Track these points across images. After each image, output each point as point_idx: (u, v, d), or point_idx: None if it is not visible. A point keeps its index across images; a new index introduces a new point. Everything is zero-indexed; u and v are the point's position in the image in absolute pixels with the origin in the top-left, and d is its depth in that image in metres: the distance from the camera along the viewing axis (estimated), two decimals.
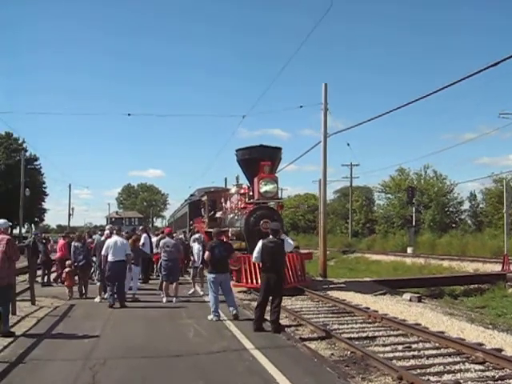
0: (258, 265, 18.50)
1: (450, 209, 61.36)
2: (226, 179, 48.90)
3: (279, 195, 20.43)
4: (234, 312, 12.32)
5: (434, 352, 9.74)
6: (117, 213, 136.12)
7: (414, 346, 10.29)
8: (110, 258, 14.29)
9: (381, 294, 19.30)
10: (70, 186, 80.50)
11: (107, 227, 16.85)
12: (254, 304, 15.86)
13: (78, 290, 16.31)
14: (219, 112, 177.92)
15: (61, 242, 19.86)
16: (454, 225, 58.93)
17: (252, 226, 19.73)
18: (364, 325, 12.69)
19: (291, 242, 11.71)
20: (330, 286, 20.72)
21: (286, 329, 11.40)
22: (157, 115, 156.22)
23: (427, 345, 10.38)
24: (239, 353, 8.98)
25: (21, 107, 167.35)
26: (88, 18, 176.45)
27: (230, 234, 21.55)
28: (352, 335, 11.36)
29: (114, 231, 15.50)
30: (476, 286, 23.65)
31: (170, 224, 58.85)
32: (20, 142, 69.57)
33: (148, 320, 12.29)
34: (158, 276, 20.34)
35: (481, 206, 59.73)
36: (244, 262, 18.77)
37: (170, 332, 10.86)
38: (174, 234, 21.09)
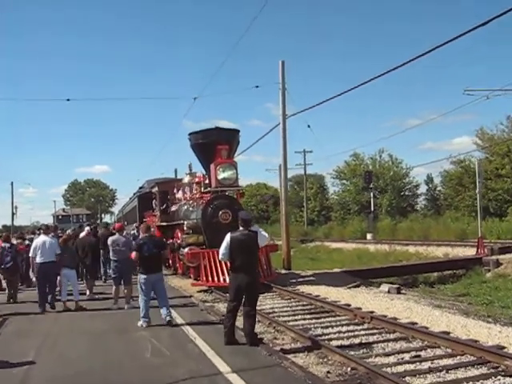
0: (220, 260, 16.73)
1: (406, 193, 60.54)
2: (176, 170, 46.47)
3: (238, 182, 18.39)
4: (168, 318, 10.71)
5: (452, 362, 7.91)
6: (63, 210, 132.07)
7: (422, 354, 8.45)
8: (38, 260, 13.10)
9: (355, 287, 17.65)
10: (12, 183, 76.95)
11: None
12: (219, 306, 14.06)
13: (7, 295, 14.93)
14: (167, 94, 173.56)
15: None
16: (410, 209, 58.11)
17: (210, 218, 17.75)
18: (352, 327, 10.80)
19: (265, 234, 9.64)
20: (299, 280, 18.92)
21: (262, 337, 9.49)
22: (96, 99, 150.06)
23: (438, 351, 8.56)
24: (212, 379, 6.98)
25: None
26: None
27: (185, 228, 19.53)
28: (343, 342, 9.49)
29: (41, 230, 14.47)
30: (450, 272, 22.29)
31: (118, 219, 56.12)
32: None
33: (95, 335, 10.10)
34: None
35: (438, 188, 58.84)
36: (203, 258, 16.81)
37: (122, 351, 8.75)
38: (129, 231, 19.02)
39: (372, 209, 48.07)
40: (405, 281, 21.60)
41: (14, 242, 16.74)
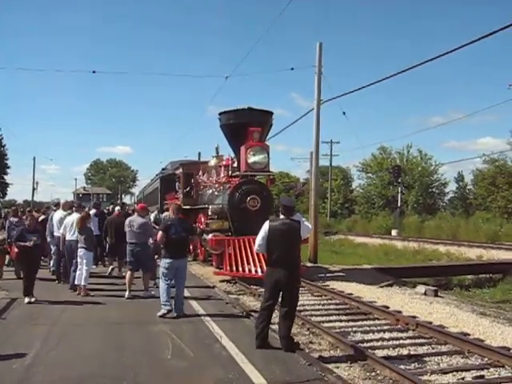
0: (246, 249, 15.68)
1: (434, 190, 58.95)
2: (199, 153, 45.31)
3: (269, 167, 17.23)
4: (176, 313, 9.84)
5: None
6: (84, 188, 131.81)
7: (486, 374, 7.27)
8: (68, 237, 12.71)
9: (387, 286, 16.45)
10: (34, 158, 76.40)
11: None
12: (244, 299, 12.98)
13: (15, 272, 14.04)
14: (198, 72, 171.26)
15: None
16: (437, 207, 56.57)
17: (237, 203, 16.71)
18: (396, 334, 9.62)
19: (309, 224, 8.48)
20: (328, 276, 17.77)
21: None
22: (122, 72, 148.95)
23: (503, 372, 7.38)
24: None
25: None
26: None
27: (209, 212, 18.47)
28: (388, 352, 8.35)
29: (74, 208, 14.04)
30: (486, 275, 20.95)
31: (139, 201, 55.27)
32: None
33: (108, 326, 9.07)
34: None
35: (468, 187, 57.19)
36: (227, 246, 15.74)
37: (139, 348, 7.65)
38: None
39: (399, 204, 46.66)
40: (438, 282, 20.34)
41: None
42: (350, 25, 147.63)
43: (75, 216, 12.85)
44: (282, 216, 7.94)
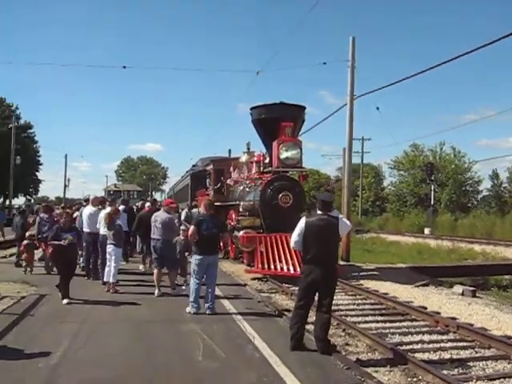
0: (278, 246, 15.33)
1: (468, 188, 57.85)
2: (229, 150, 45.36)
3: (302, 163, 16.86)
4: (209, 312, 9.63)
5: None
6: (115, 185, 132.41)
7: None
8: (101, 231, 12.77)
9: (423, 285, 15.97)
10: (66, 156, 76.96)
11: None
12: (276, 298, 12.63)
13: (45, 266, 14.48)
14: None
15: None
16: (470, 205, 55.48)
17: (269, 200, 16.40)
18: (436, 336, 9.18)
19: (347, 222, 8.07)
20: (361, 274, 17.34)
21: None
22: (152, 68, 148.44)
23: None
24: None
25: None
26: None
27: (240, 209, 18.20)
28: (429, 356, 7.93)
29: (107, 203, 14.42)
30: None
31: (169, 197, 55.27)
32: (13, 108, 65.86)
33: (137, 324, 8.80)
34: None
35: (504, 185, 55.96)
36: (259, 243, 15.43)
37: (169, 348, 7.36)
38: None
39: (432, 202, 45.84)
40: (474, 282, 19.76)
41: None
42: (382, 20, 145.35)
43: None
44: (319, 212, 7.56)
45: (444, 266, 20.20)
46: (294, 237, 7.55)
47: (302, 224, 7.47)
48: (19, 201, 69.38)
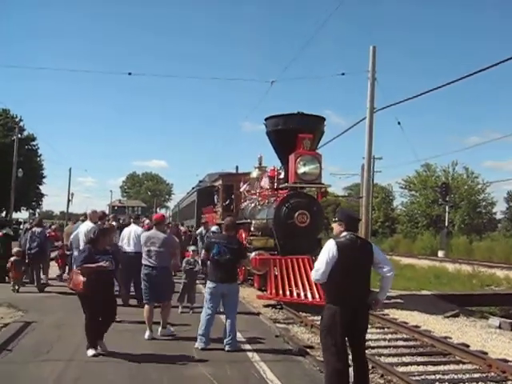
0: (294, 270, 13.81)
1: (482, 210, 56.28)
2: (237, 167, 43.83)
3: (321, 179, 15.40)
4: (228, 348, 8.15)
5: None
6: (120, 201, 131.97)
7: None
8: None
9: (453, 316, 14.49)
10: (70, 169, 75.56)
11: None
12: (295, 331, 11.12)
13: (37, 285, 13.95)
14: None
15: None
16: (487, 227, 53.91)
17: (284, 219, 14.96)
18: None
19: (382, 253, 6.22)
20: (384, 302, 15.76)
21: None
22: (158, 75, 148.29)
23: None
24: None
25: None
26: None
27: (252, 228, 16.80)
28: None
29: (132, 220, 14.12)
30: None
31: (174, 214, 53.75)
32: (17, 119, 64.69)
33: (134, 366, 7.22)
34: None
35: None
36: (273, 266, 13.96)
37: None
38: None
39: (446, 224, 44.29)
40: (504, 311, 18.26)
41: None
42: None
43: (133, 228, 12.20)
44: (345, 233, 5.82)
45: (472, 293, 18.60)
46: (321, 265, 5.66)
47: (331, 248, 5.65)
48: (21, 215, 68.07)
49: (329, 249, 5.66)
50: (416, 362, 8.88)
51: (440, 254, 40.32)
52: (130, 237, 11.93)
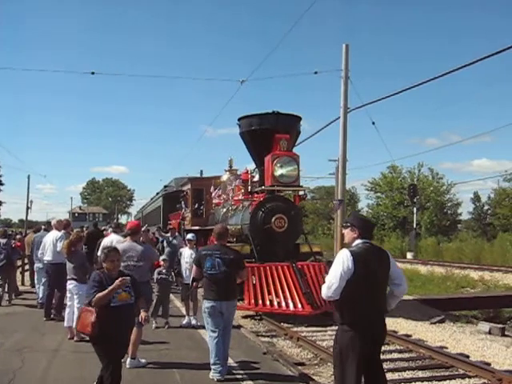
0: (273, 278, 13.02)
1: (448, 211, 56.44)
2: (201, 171, 42.90)
3: (299, 181, 14.62)
4: (218, 376, 7.00)
5: None
6: (80, 208, 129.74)
7: None
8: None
9: (439, 322, 13.89)
10: (28, 177, 73.48)
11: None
12: (281, 344, 10.32)
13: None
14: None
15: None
16: (453, 228, 54.05)
17: (260, 224, 14.13)
18: None
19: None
20: None
21: None
22: (122, 74, 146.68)
23: None
24: None
25: None
26: None
27: None
28: None
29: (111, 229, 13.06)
30: None
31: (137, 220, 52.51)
32: None
33: None
34: None
35: (486, 207, 54.68)
36: (252, 274, 13.07)
37: None
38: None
39: (415, 225, 44.10)
40: (485, 314, 17.80)
41: None
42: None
43: (114, 237, 10.58)
44: (359, 240, 5.02)
45: (454, 297, 18.03)
46: (335, 280, 4.79)
47: (346, 258, 4.80)
48: None
49: (343, 260, 4.81)
50: (419, 378, 8.11)
51: (409, 255, 40.02)
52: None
